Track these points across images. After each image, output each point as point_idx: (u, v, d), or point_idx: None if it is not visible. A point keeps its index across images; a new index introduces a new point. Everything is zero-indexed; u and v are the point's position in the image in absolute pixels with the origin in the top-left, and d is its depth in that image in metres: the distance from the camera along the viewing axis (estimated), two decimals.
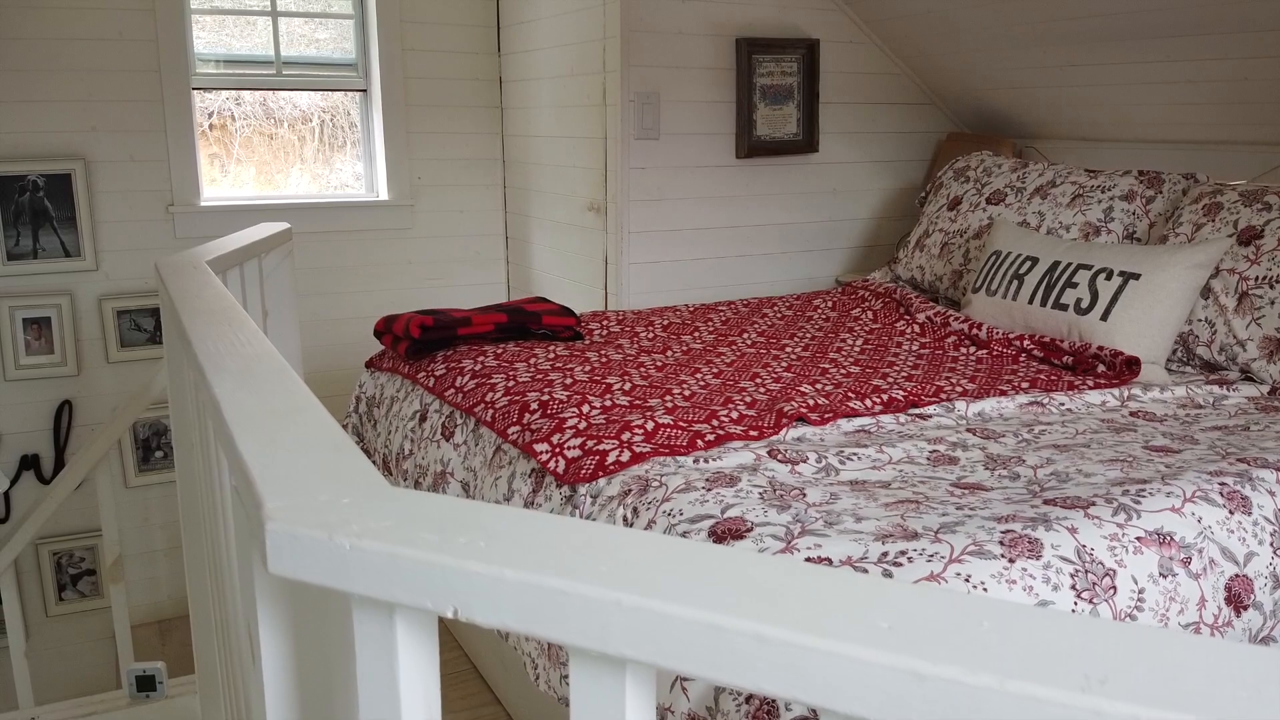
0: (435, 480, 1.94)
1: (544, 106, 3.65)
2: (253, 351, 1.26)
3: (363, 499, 0.73)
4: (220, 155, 3.75)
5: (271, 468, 0.80)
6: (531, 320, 2.36)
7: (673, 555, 0.61)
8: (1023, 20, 2.92)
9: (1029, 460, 1.51)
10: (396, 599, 0.67)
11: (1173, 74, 2.73)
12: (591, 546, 0.63)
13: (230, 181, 3.77)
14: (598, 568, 0.60)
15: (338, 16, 3.79)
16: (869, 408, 1.82)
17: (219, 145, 3.74)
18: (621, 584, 0.58)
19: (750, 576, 0.58)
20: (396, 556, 0.66)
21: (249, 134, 3.75)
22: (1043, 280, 2.35)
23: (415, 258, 3.96)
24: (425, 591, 0.65)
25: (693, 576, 0.58)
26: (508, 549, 0.64)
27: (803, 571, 0.55)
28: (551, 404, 1.79)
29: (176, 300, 1.70)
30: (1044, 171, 2.82)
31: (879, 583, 0.52)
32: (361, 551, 0.67)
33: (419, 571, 0.65)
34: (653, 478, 1.42)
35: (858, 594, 0.53)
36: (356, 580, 0.68)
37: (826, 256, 3.60)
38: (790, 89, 3.36)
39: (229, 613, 1.40)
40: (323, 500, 0.73)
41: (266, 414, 0.98)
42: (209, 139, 3.70)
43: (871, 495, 1.34)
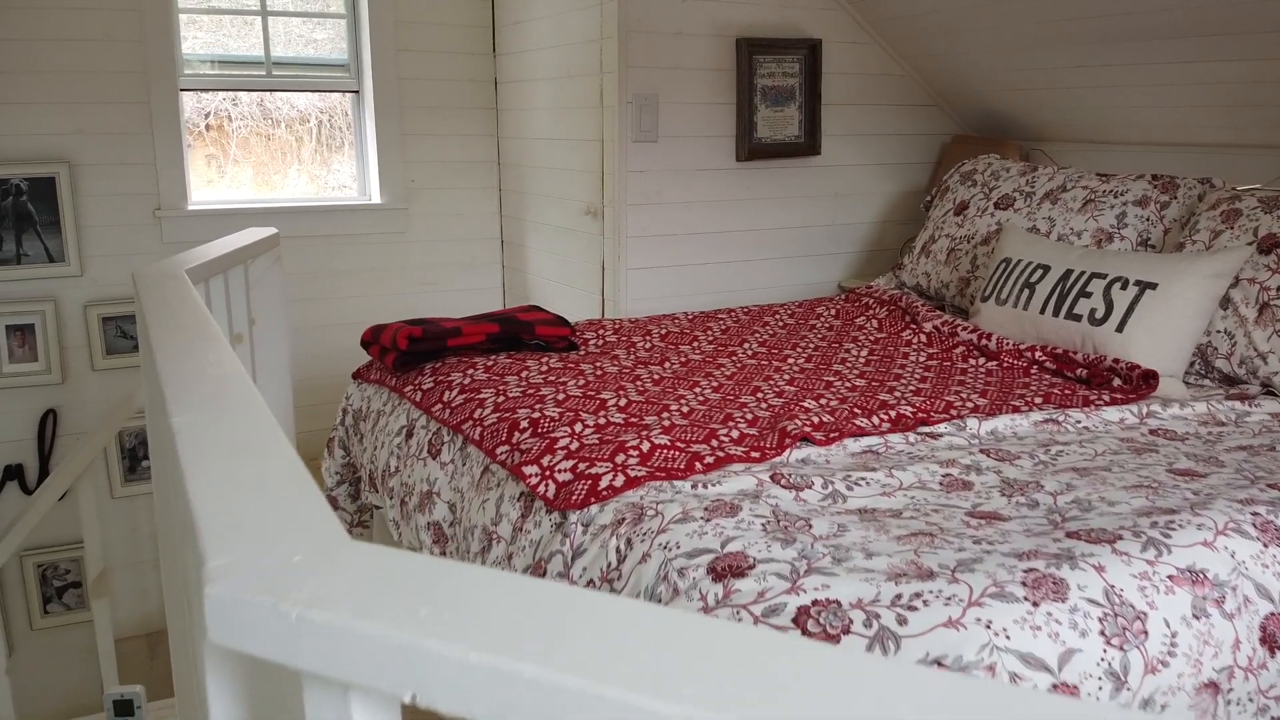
0: (421, 500, 1.86)
1: (540, 108, 3.56)
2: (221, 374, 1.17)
3: (318, 556, 0.65)
4: (217, 156, 3.67)
5: (221, 515, 0.72)
6: (524, 330, 2.28)
7: (675, 634, 0.52)
8: (1031, 20, 2.83)
9: (1048, 485, 1.43)
10: (350, 679, 0.58)
11: (1185, 75, 2.65)
12: (577, 621, 0.54)
13: (227, 182, 3.70)
14: (584, 651, 0.52)
15: (330, 16, 3.71)
16: (876, 425, 1.73)
17: (216, 146, 3.66)
18: (611, 674, 0.49)
19: (751, 660, 0.49)
20: (348, 631, 0.57)
21: (246, 135, 3.68)
22: (1055, 289, 2.26)
23: (409, 262, 3.88)
24: (381, 671, 0.57)
25: (697, 661, 0.49)
26: (477, 624, 0.55)
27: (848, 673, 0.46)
28: (542, 422, 1.70)
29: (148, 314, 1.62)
30: (1054, 175, 2.74)
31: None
32: (310, 623, 0.58)
33: (374, 649, 0.57)
34: (648, 505, 1.34)
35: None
36: (306, 655, 0.59)
37: (829, 261, 3.52)
38: (792, 90, 3.28)
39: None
40: (272, 558, 0.65)
41: (225, 448, 0.90)
42: (205, 140, 3.62)
43: (882, 526, 1.26)
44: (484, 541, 1.59)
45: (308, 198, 3.77)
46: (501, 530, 1.55)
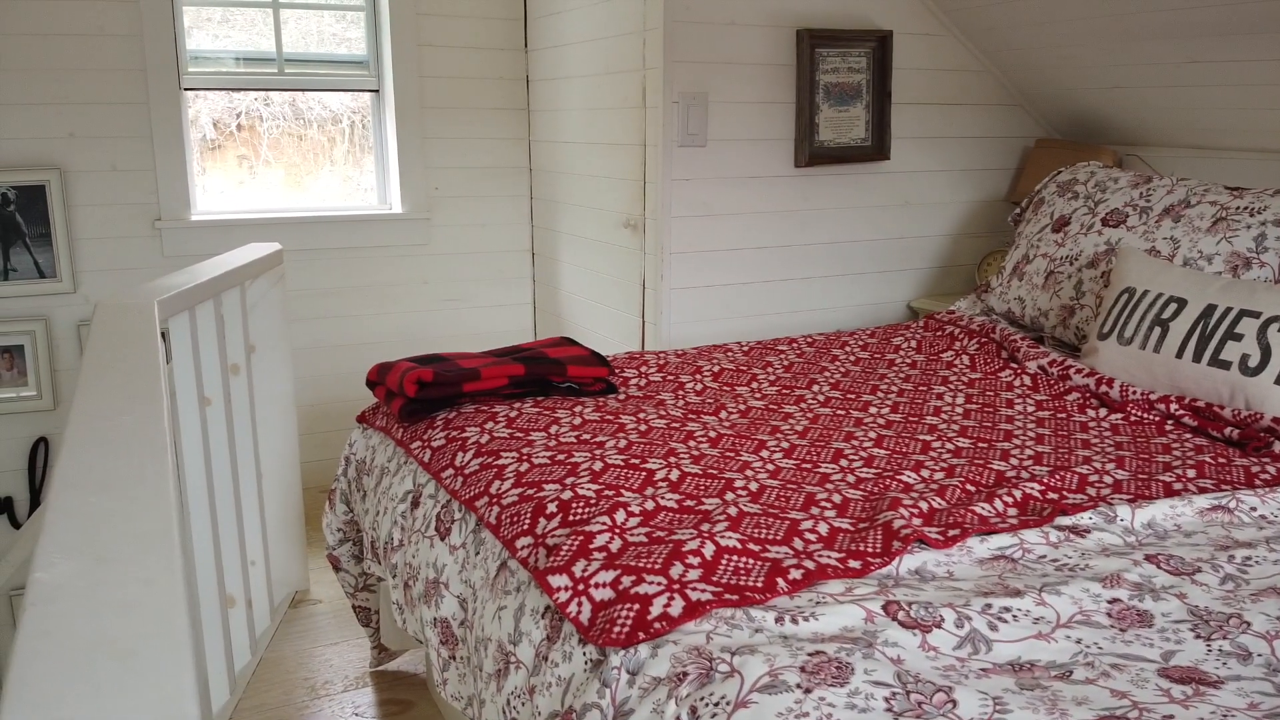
0: (427, 589, 1.52)
1: (575, 109, 3.22)
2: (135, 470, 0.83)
3: None
4: (249, 156, 3.39)
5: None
6: (554, 371, 1.93)
7: None
8: (1134, 8, 2.44)
9: (1254, 622, 1.06)
10: None
11: None
12: None
13: (258, 183, 3.41)
14: None
15: (347, 9, 3.39)
16: (1001, 514, 1.36)
17: (248, 146, 3.38)
18: None
19: None
20: None
21: (278, 135, 3.39)
22: (1194, 329, 1.87)
23: (432, 276, 3.55)
24: None
25: None
26: None
27: None
28: (575, 505, 1.35)
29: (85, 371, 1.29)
30: (1173, 188, 2.34)
31: None
32: None
33: None
34: (718, 654, 0.98)
35: None
36: None
37: (898, 279, 3.14)
38: (858, 88, 2.90)
39: None
40: None
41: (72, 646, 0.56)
42: (237, 140, 3.34)
43: (1054, 703, 0.89)
44: (500, 663, 1.25)
45: (328, 207, 3.46)
46: (522, 654, 1.20)
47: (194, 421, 1.91)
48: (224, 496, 2.10)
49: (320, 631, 2.47)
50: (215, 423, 2.06)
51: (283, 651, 2.37)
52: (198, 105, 3.27)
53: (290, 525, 2.60)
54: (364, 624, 2.25)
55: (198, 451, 1.91)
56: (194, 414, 1.91)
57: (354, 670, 2.29)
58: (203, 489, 1.91)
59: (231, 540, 2.14)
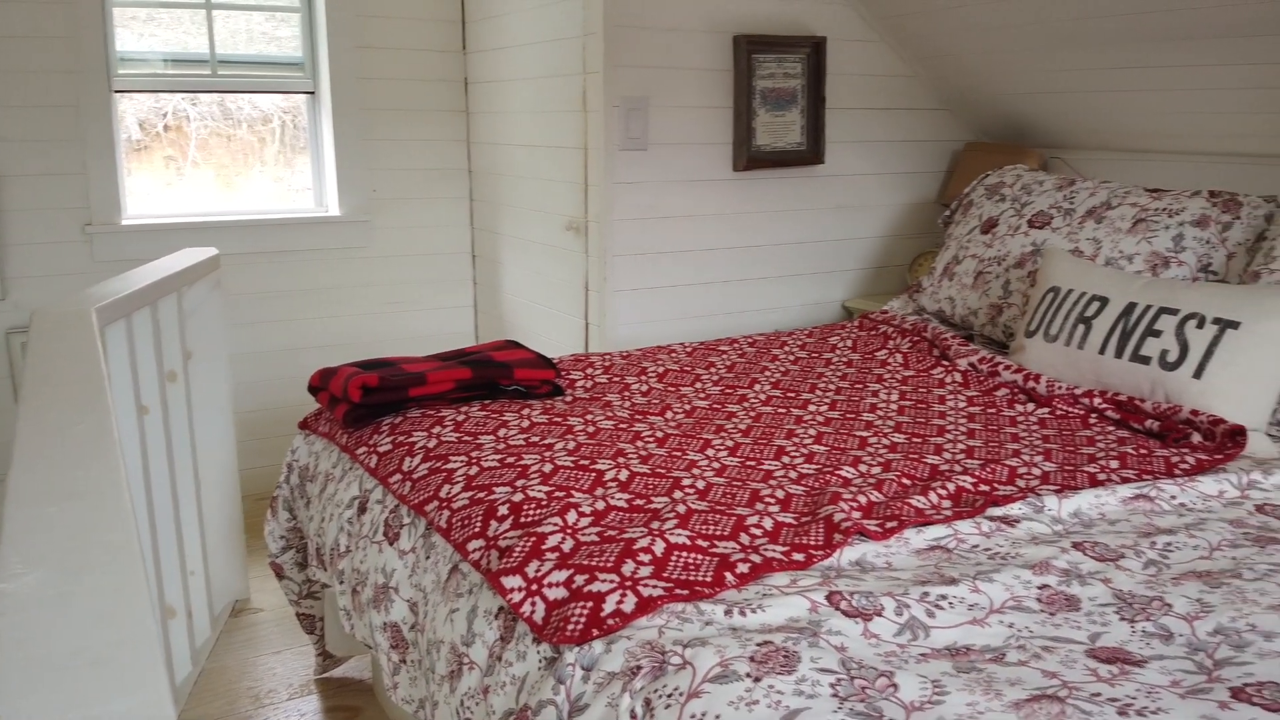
0: (376, 594, 1.52)
1: (516, 111, 3.23)
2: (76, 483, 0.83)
3: None
4: (176, 158, 3.32)
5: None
6: (501, 374, 1.95)
7: None
8: (1059, 17, 2.54)
9: (1175, 605, 1.12)
10: None
11: (1235, 79, 2.36)
12: None
13: (187, 185, 3.34)
14: None
15: (282, 10, 3.35)
16: (936, 506, 1.42)
17: (175, 147, 3.31)
18: None
19: None
20: None
21: (206, 136, 3.33)
22: (1116, 326, 1.96)
23: (372, 279, 3.53)
24: None
25: None
26: None
27: None
28: (526, 507, 1.37)
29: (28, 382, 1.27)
30: (1096, 191, 2.44)
31: None
32: None
33: None
34: (671, 647, 1.01)
35: None
36: None
37: (833, 279, 3.22)
38: (794, 93, 2.97)
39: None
40: None
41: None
42: (163, 140, 3.27)
43: (988, 683, 0.94)
44: (453, 664, 1.26)
45: (261, 210, 3.41)
46: (475, 654, 1.22)
47: (132, 430, 1.88)
48: (162, 506, 2.07)
49: (263, 640, 2.44)
50: (153, 431, 2.04)
51: (225, 661, 2.34)
52: (123, 105, 3.21)
53: (230, 534, 2.56)
54: (308, 631, 2.23)
55: (136, 461, 1.88)
56: (132, 423, 1.88)
57: (298, 678, 2.27)
58: (141, 498, 1.88)
59: (170, 550, 2.11)
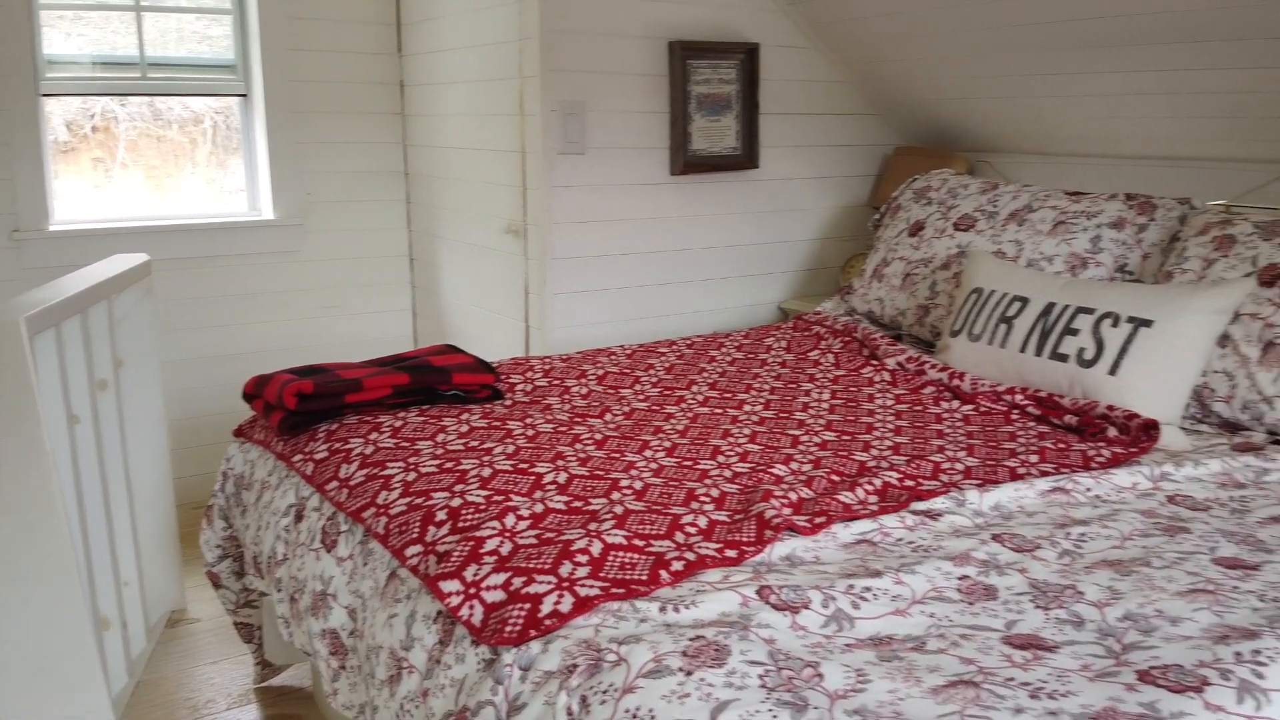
0: (314, 602, 1.52)
1: (453, 115, 3.23)
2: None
3: None
4: (104, 160, 3.25)
5: None
6: (439, 379, 1.95)
7: None
8: (984, 26, 2.62)
9: (1088, 592, 1.18)
10: None
11: (1150, 84, 2.47)
12: None
13: (116, 187, 3.27)
14: None
15: (213, 12, 3.30)
16: (863, 501, 1.47)
17: (103, 149, 3.24)
18: None
19: None
20: None
21: (135, 137, 3.26)
22: (1036, 325, 2.04)
23: (307, 284, 3.50)
24: None
25: None
26: None
27: None
28: (465, 512, 1.39)
29: None
30: (1018, 194, 2.53)
31: None
32: None
33: None
34: (606, 645, 1.04)
35: None
36: None
37: (770, 281, 3.27)
38: (728, 98, 3.02)
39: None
40: None
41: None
42: (91, 142, 3.20)
43: (909, 671, 0.99)
44: (392, 668, 1.27)
45: (193, 214, 3.35)
46: (414, 658, 1.23)
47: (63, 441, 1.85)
48: (95, 516, 2.04)
49: (200, 650, 2.42)
50: (84, 441, 2.00)
51: (162, 672, 2.31)
52: (50, 106, 3.14)
53: (165, 543, 2.53)
54: (246, 640, 2.21)
55: (68, 471, 1.85)
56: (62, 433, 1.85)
57: (237, 688, 2.25)
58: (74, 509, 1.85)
59: (104, 561, 2.08)
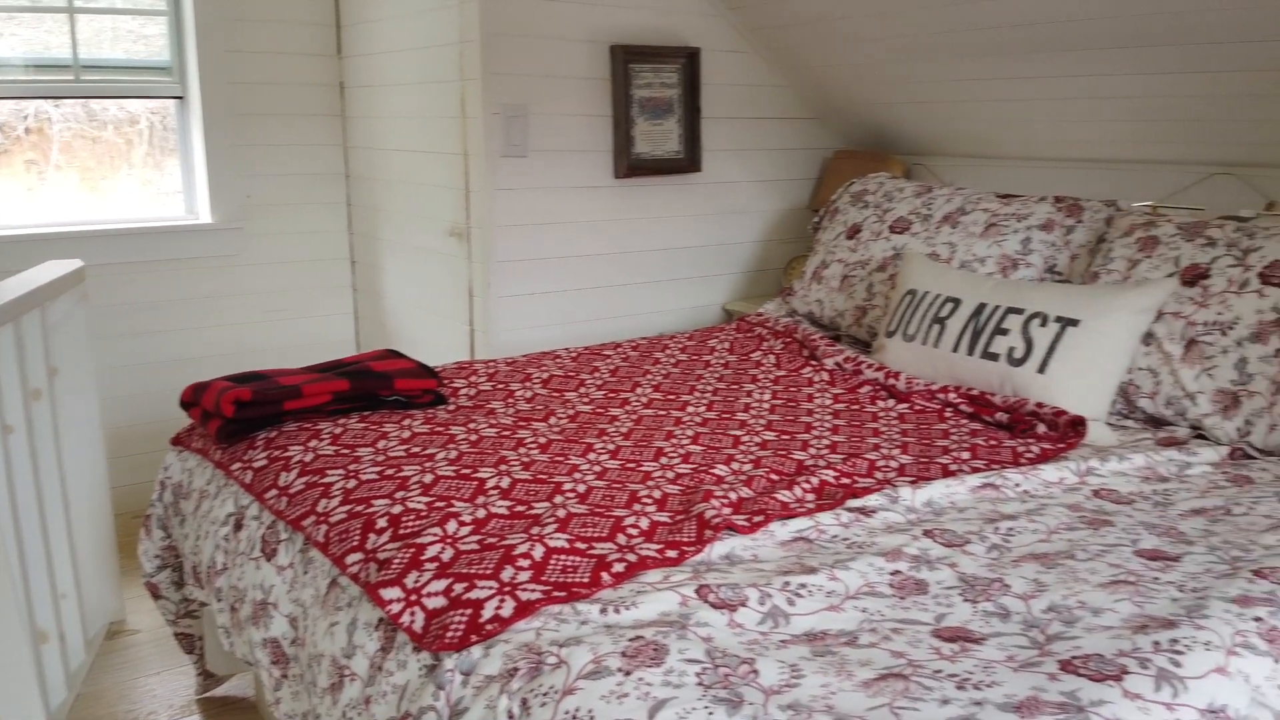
0: (255, 611, 1.51)
1: (394, 117, 3.21)
2: None
3: None
4: (38, 161, 3.17)
5: None
6: (380, 385, 1.95)
7: None
8: (920, 32, 2.68)
9: (1014, 585, 1.22)
10: None
11: (1079, 89, 2.54)
12: None
13: (50, 189, 3.19)
14: None
15: (148, 13, 3.24)
16: (801, 500, 1.50)
17: (36, 151, 3.16)
18: None
19: None
20: None
21: (70, 139, 3.19)
22: (968, 325, 2.10)
23: (247, 288, 3.45)
24: None
25: None
26: None
27: None
28: (406, 519, 1.39)
29: None
30: (952, 197, 2.59)
31: None
32: None
33: None
34: (547, 648, 1.05)
35: None
36: None
37: (714, 283, 3.31)
38: (670, 102, 3.04)
39: None
40: None
41: None
42: (24, 144, 3.12)
43: (841, 665, 1.02)
44: (334, 676, 1.27)
45: (129, 219, 3.29)
46: (356, 666, 1.23)
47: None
48: (30, 527, 2.00)
49: (141, 662, 2.38)
50: (18, 451, 1.96)
51: (101, 685, 2.27)
52: None
53: (102, 554, 2.48)
54: (187, 651, 2.18)
55: (1, 481, 1.81)
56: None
57: (179, 699, 2.22)
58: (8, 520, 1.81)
59: (40, 573, 2.04)
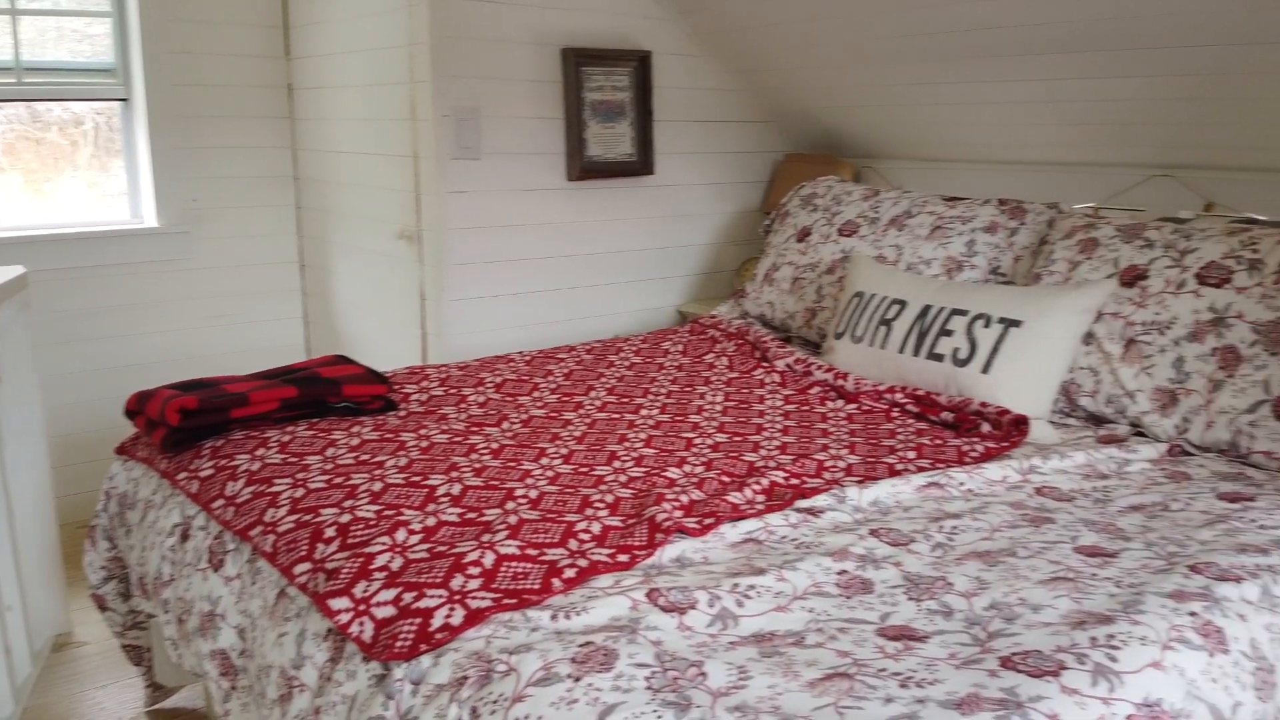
0: (202, 623, 1.49)
1: (344, 119, 3.18)
2: None
3: None
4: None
5: None
6: (329, 391, 1.93)
7: None
8: (868, 37, 2.72)
9: (957, 584, 1.25)
10: None
11: (1023, 94, 2.60)
12: None
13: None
14: None
15: (91, 15, 3.18)
16: (751, 501, 1.52)
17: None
18: None
19: None
20: None
21: (13, 140, 3.11)
22: (914, 327, 2.13)
23: (195, 293, 3.40)
24: None
25: None
26: None
27: None
28: (354, 528, 1.38)
29: None
30: (899, 200, 2.63)
31: None
32: None
33: None
34: (497, 655, 1.05)
35: None
36: None
37: (667, 285, 3.32)
38: (623, 105, 3.05)
39: None
40: None
41: None
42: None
43: (788, 666, 1.03)
44: (283, 687, 1.26)
45: (74, 223, 3.22)
46: (305, 676, 1.22)
47: None
48: None
49: (88, 674, 2.33)
50: None
51: (48, 698, 2.22)
52: None
53: (47, 566, 2.43)
54: (135, 663, 2.15)
55: None
56: None
57: (127, 711, 2.18)
58: None
59: None
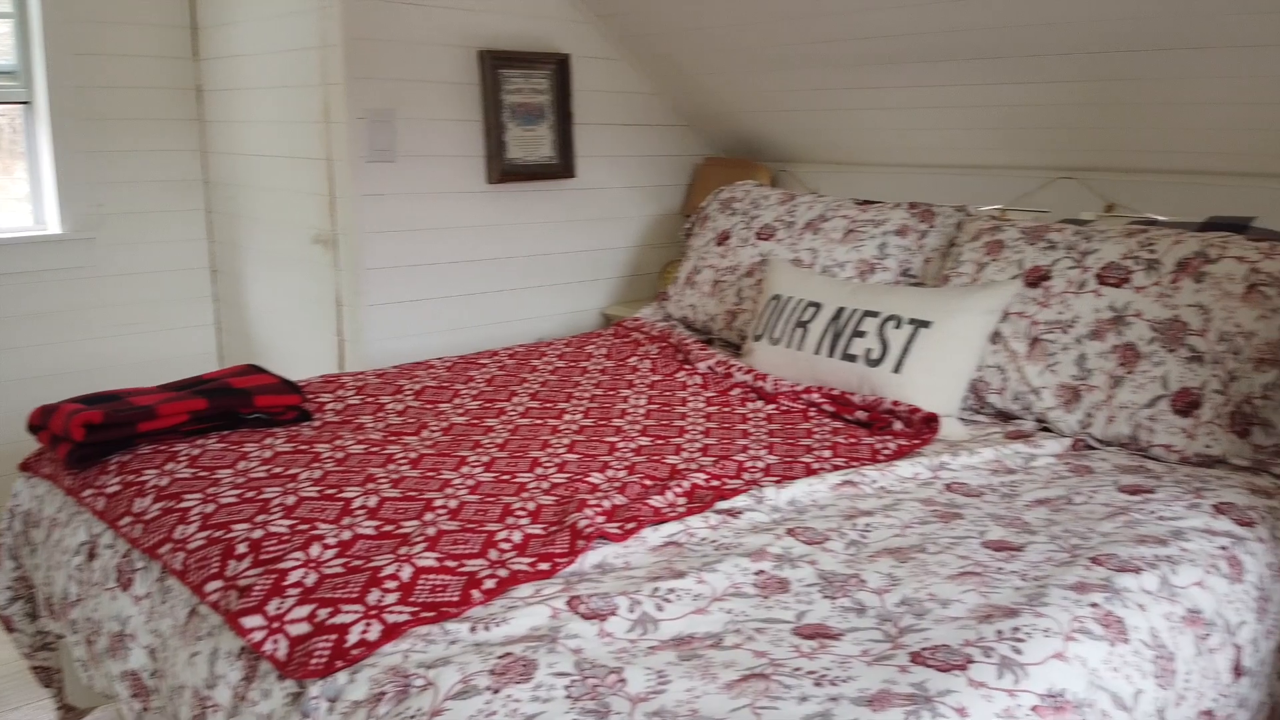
0: (112, 643, 1.45)
1: (256, 121, 3.11)
2: None
3: None
4: None
5: None
6: (240, 402, 1.89)
7: None
8: (787, 41, 2.76)
9: (870, 581, 1.28)
10: None
11: (935, 99, 2.67)
12: None
13: None
14: None
15: None
16: (672, 504, 1.53)
17: None
18: None
19: None
20: None
21: None
22: (828, 329, 2.17)
23: (101, 301, 3.28)
24: None
25: None
26: None
27: None
28: (267, 543, 1.35)
29: None
30: (813, 204, 2.68)
31: None
32: None
33: None
34: (415, 670, 1.05)
35: None
36: None
37: (591, 288, 3.33)
38: (542, 108, 3.04)
39: None
40: None
41: None
42: None
43: (706, 668, 1.04)
44: (196, 708, 1.23)
45: None
46: (219, 696, 1.20)
47: None
48: None
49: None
50: None
51: None
52: None
53: None
54: (45, 685, 2.07)
55: None
56: None
57: None
58: None
59: None
